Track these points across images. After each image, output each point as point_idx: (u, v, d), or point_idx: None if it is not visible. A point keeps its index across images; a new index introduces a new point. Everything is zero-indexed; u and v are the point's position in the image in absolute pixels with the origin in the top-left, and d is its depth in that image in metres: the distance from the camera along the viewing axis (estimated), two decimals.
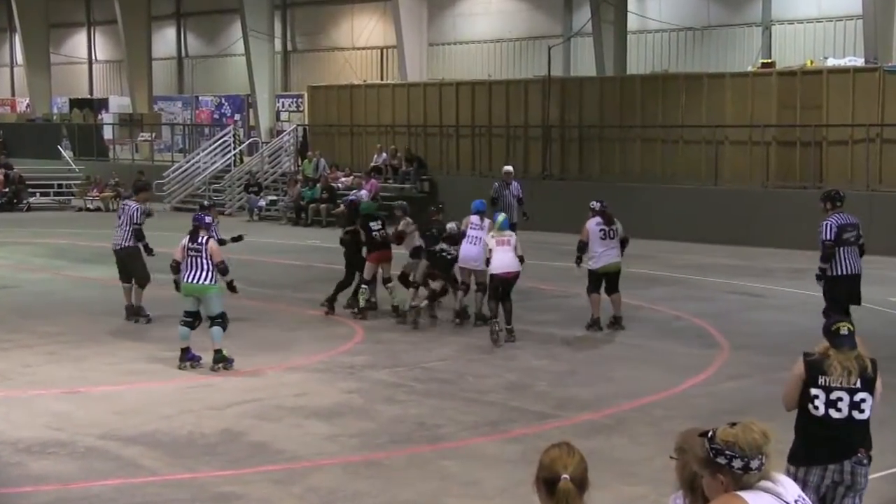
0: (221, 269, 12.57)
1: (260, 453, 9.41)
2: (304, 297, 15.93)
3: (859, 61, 26.08)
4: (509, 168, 21.54)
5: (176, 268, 12.74)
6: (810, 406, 6.17)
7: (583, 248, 14.62)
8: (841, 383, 6.13)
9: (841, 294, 12.82)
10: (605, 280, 14.61)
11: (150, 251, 15.78)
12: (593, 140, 28.08)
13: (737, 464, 3.85)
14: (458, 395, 11.43)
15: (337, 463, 9.18)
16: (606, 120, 27.80)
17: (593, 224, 14.56)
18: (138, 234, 15.73)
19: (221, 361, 12.52)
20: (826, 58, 28.83)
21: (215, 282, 12.55)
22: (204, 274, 12.47)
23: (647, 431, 10.09)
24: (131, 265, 15.78)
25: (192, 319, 12.60)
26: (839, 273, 12.81)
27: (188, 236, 12.72)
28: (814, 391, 6.19)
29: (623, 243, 14.65)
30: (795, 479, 5.52)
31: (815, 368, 6.19)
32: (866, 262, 13.39)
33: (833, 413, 6.13)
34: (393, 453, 9.46)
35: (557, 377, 12.32)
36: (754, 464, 3.85)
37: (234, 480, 8.69)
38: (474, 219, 15.11)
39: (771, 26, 33.53)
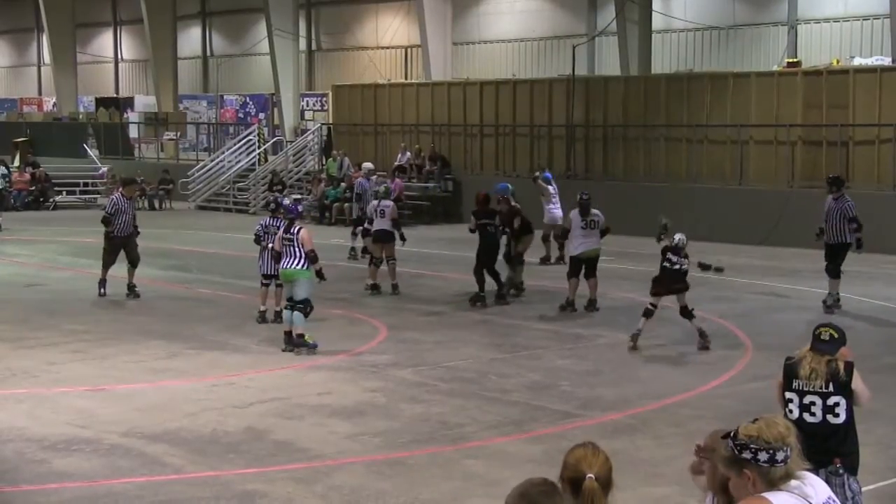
0: (311, 257, 13.34)
1: (283, 452, 9.43)
2: (328, 295, 15.93)
3: (886, 61, 25.93)
4: (370, 165, 23.66)
5: (278, 257, 13.69)
6: (786, 410, 6.13)
7: (565, 235, 16.47)
8: (812, 387, 6.10)
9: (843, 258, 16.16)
10: (585, 265, 15.91)
11: (111, 238, 17.20)
12: (617, 140, 28.02)
13: (762, 457, 3.85)
14: (481, 395, 11.41)
15: (360, 462, 9.18)
16: (631, 119, 27.74)
17: (574, 213, 16.12)
18: (105, 221, 17.23)
19: (303, 346, 13.23)
20: (852, 57, 28.66)
21: (306, 268, 13.29)
22: (297, 260, 13.32)
23: (672, 432, 10.06)
24: (127, 248, 17.25)
25: (294, 304, 13.31)
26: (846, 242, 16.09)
27: (283, 227, 13.73)
28: (788, 395, 6.18)
29: (603, 233, 16.10)
30: None
31: (790, 372, 6.19)
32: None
33: (807, 417, 6.09)
34: (416, 452, 9.46)
35: (581, 377, 12.29)
36: (780, 455, 3.85)
37: (257, 479, 8.71)
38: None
39: (797, 25, 33.32)
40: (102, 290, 17.27)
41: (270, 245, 14.81)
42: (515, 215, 17.25)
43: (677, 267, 13.28)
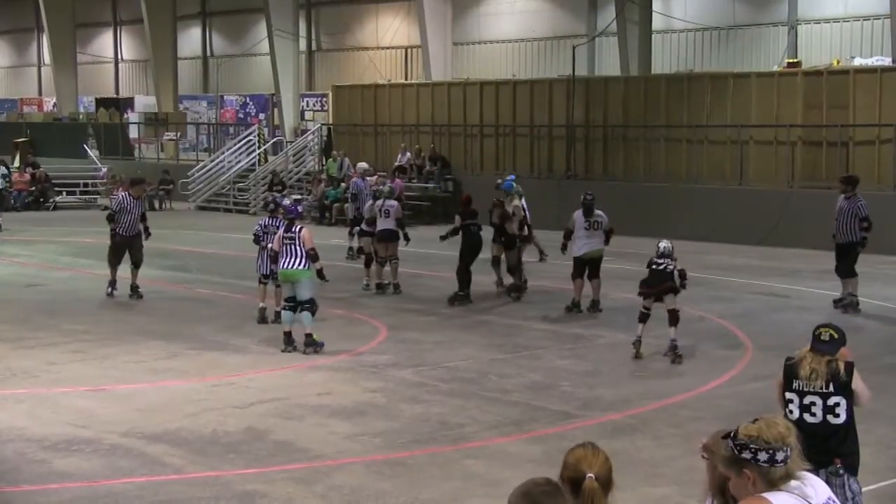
0: (312, 255, 13.32)
1: (283, 452, 9.45)
2: (328, 295, 15.93)
3: (886, 61, 25.95)
4: (366, 165, 23.27)
5: (275, 257, 13.63)
6: (787, 410, 6.14)
7: (568, 235, 16.07)
8: (813, 388, 6.11)
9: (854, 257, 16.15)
10: (588, 266, 15.87)
11: (113, 236, 17.00)
12: (618, 140, 28.04)
13: (762, 456, 3.85)
14: (481, 395, 11.43)
15: (360, 462, 9.19)
16: (631, 120, 27.76)
17: (578, 214, 15.96)
18: (109, 218, 17.26)
19: (312, 345, 13.21)
20: (853, 57, 28.69)
21: (308, 268, 13.27)
22: (297, 260, 13.30)
23: (672, 432, 10.08)
24: (132, 248, 17.15)
25: (295, 304, 13.30)
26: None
27: (283, 226, 13.67)
28: (788, 395, 6.19)
29: (607, 234, 15.96)
30: None
31: (790, 372, 6.20)
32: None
33: (808, 417, 6.10)
34: (416, 452, 9.47)
35: (581, 377, 12.30)
36: (780, 455, 3.86)
37: (257, 479, 8.72)
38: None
39: (797, 26, 33.36)
40: (110, 290, 17.21)
41: (269, 245, 14.86)
42: (507, 223, 17.13)
43: (663, 267, 12.95)
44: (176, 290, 18.27)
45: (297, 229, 13.47)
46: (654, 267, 13.05)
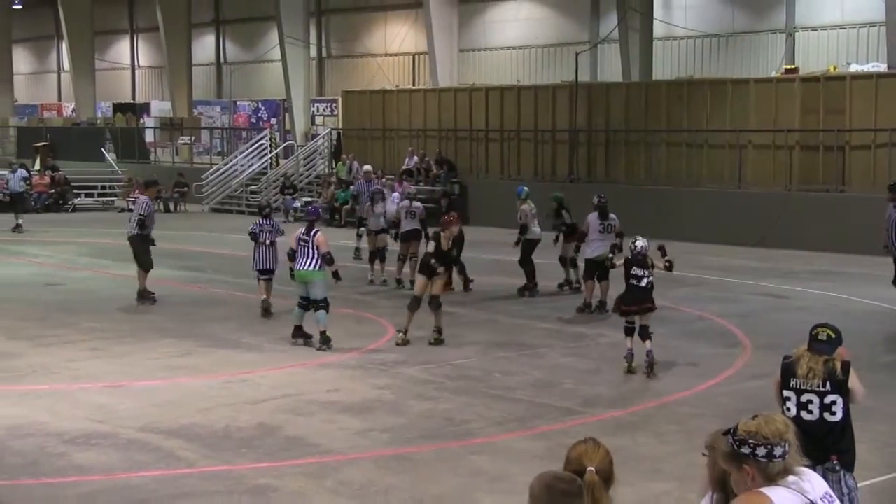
0: (327, 259, 13.66)
1: (294, 447, 9.57)
2: (336, 294, 16.03)
3: (882, 67, 26.11)
4: (368, 167, 23.24)
5: (291, 256, 13.89)
6: (784, 408, 6.21)
7: (582, 238, 16.32)
8: (810, 386, 6.17)
9: None
10: (599, 268, 15.90)
11: (151, 241, 17.14)
12: (619, 144, 28.29)
13: (760, 452, 3.94)
14: (486, 392, 11.55)
15: (368, 457, 9.30)
16: (632, 124, 27.99)
17: (593, 217, 16.11)
18: (141, 224, 16.96)
19: (326, 342, 13.52)
20: (849, 64, 28.88)
21: (320, 269, 13.57)
22: (310, 261, 13.60)
23: (672, 429, 10.19)
24: (135, 251, 17.03)
25: (307, 303, 13.68)
26: None
27: (304, 227, 14.08)
28: (786, 393, 6.24)
29: (619, 236, 15.96)
30: None
31: (787, 371, 6.26)
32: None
33: (805, 415, 6.14)
34: (423, 448, 9.59)
35: (584, 375, 12.43)
36: (778, 451, 3.95)
37: (268, 473, 8.85)
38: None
39: (794, 33, 33.58)
40: (153, 297, 16.98)
41: (269, 241, 15.88)
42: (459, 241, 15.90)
43: (644, 283, 12.44)
44: (190, 290, 18.49)
45: (314, 233, 13.78)
46: (633, 282, 12.51)
